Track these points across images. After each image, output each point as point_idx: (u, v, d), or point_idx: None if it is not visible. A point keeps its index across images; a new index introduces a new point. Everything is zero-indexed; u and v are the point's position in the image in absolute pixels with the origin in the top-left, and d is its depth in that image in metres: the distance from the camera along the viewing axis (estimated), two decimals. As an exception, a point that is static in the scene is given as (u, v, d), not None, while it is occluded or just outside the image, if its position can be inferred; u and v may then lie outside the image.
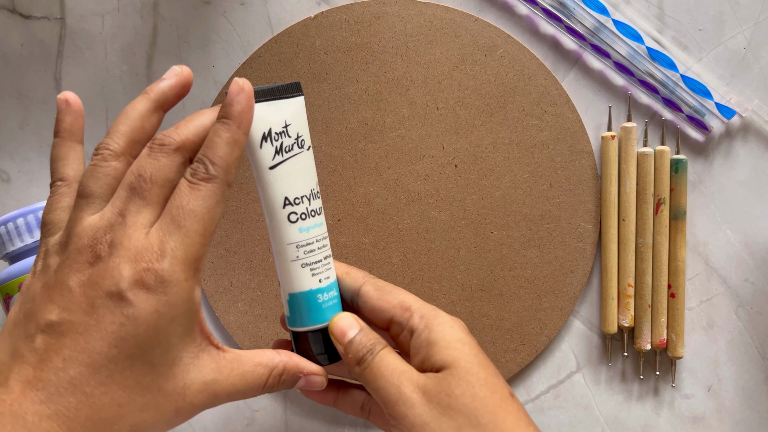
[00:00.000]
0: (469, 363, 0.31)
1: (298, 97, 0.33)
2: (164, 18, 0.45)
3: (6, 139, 0.45)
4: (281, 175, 0.32)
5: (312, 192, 0.34)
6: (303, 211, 0.33)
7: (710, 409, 0.45)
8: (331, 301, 0.34)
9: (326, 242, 0.34)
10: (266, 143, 0.32)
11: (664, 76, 0.43)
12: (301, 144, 0.33)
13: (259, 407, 0.45)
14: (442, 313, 0.33)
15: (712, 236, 0.44)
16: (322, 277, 0.34)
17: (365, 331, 0.33)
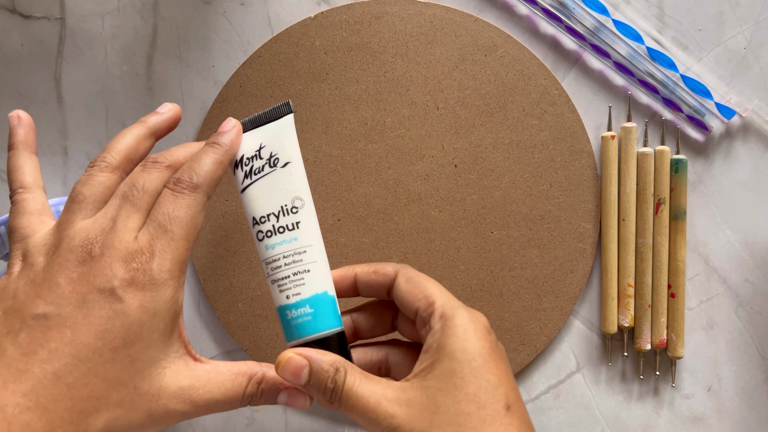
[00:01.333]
0: (461, 377, 0.30)
1: (283, 118, 0.35)
2: (164, 18, 0.45)
3: (6, 139, 0.45)
4: (249, 196, 0.34)
5: (284, 208, 0.34)
6: (269, 229, 0.34)
7: (710, 409, 0.45)
8: (303, 317, 0.33)
9: (302, 258, 0.34)
10: (237, 169, 0.34)
11: (664, 76, 0.43)
12: (274, 163, 0.34)
13: (259, 407, 0.45)
14: (462, 313, 0.32)
15: (712, 236, 0.44)
16: (290, 293, 0.34)
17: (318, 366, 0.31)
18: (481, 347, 0.31)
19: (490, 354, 0.31)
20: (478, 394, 0.30)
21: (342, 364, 0.31)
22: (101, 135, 0.45)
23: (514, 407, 0.30)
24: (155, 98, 0.45)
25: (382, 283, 0.35)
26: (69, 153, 0.45)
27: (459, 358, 0.31)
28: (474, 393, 0.30)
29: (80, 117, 0.45)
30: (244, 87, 0.44)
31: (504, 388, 0.31)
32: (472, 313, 0.33)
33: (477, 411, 0.30)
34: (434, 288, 0.34)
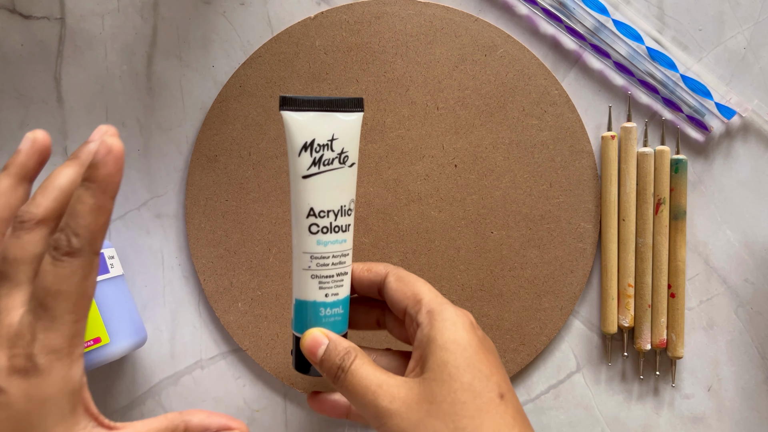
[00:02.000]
0: (455, 366, 0.31)
1: (355, 113, 0.34)
2: (164, 18, 0.45)
3: (6, 139, 0.45)
4: (313, 185, 0.33)
5: (342, 208, 0.34)
6: (326, 225, 0.34)
7: (710, 409, 0.45)
8: (334, 317, 0.34)
9: (345, 260, 0.35)
10: (305, 152, 0.33)
11: (664, 76, 0.43)
12: (344, 160, 0.34)
13: (259, 407, 0.45)
14: (449, 307, 0.33)
15: (712, 236, 0.44)
16: (330, 292, 0.34)
17: (334, 345, 0.33)
18: (470, 339, 0.32)
19: (480, 346, 0.32)
20: (473, 384, 0.30)
21: (354, 349, 0.33)
22: (101, 135, 0.45)
23: (507, 396, 0.31)
24: (155, 98, 0.45)
25: (373, 281, 0.36)
26: (69, 153, 0.45)
27: (451, 349, 0.31)
28: (469, 382, 0.30)
29: (80, 117, 0.45)
30: (244, 87, 0.44)
31: (496, 377, 0.31)
32: (459, 309, 0.33)
33: (473, 400, 0.30)
34: (422, 286, 0.34)
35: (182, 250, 0.45)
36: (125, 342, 0.39)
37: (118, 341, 0.38)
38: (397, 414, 0.30)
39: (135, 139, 0.45)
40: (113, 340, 0.38)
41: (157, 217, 0.45)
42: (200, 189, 0.44)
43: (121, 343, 0.38)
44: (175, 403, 0.45)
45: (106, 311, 0.38)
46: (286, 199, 0.44)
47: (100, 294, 0.38)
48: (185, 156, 0.45)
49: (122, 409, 0.45)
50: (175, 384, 0.45)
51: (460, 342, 0.32)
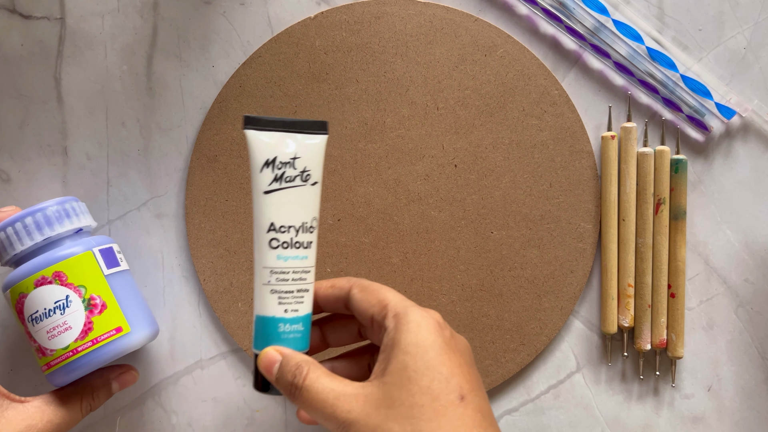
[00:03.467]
0: (414, 370, 0.31)
1: (319, 135, 0.35)
2: (164, 18, 0.45)
3: (6, 139, 0.45)
4: (273, 201, 0.34)
5: (303, 225, 0.35)
6: (286, 240, 0.34)
7: (710, 409, 0.45)
8: (294, 334, 0.34)
9: (306, 277, 0.35)
10: (267, 169, 0.34)
11: (664, 76, 0.43)
12: (306, 178, 0.34)
13: (259, 407, 0.45)
14: (414, 310, 0.33)
15: (712, 236, 0.44)
16: (290, 308, 0.34)
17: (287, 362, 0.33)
18: (433, 341, 0.32)
19: (443, 347, 0.32)
20: (431, 386, 0.30)
21: (306, 362, 0.33)
22: (101, 135, 0.45)
23: (468, 397, 0.31)
24: (155, 98, 0.45)
25: (338, 296, 0.36)
26: (69, 153, 0.45)
27: (412, 351, 0.31)
28: (427, 385, 0.30)
29: (80, 117, 0.45)
30: (244, 87, 0.44)
31: (457, 379, 0.31)
32: (425, 310, 0.33)
33: (430, 403, 0.30)
34: (387, 292, 0.34)
35: (182, 250, 0.45)
36: (144, 331, 0.39)
37: (138, 330, 0.38)
38: (356, 422, 0.30)
39: (135, 139, 0.45)
40: (134, 329, 0.38)
41: (157, 217, 0.45)
42: (200, 189, 0.44)
43: (141, 332, 0.38)
44: (175, 403, 0.45)
45: (123, 302, 0.38)
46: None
47: (116, 285, 0.38)
48: (185, 156, 0.45)
49: (122, 409, 0.45)
50: (175, 384, 0.45)
51: (421, 344, 0.31)
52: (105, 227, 0.45)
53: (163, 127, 0.45)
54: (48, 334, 0.37)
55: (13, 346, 0.45)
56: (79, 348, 0.37)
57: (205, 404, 0.45)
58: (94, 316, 0.37)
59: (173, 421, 0.45)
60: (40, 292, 0.37)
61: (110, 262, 0.39)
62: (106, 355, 0.37)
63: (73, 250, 0.38)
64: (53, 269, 0.37)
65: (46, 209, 0.38)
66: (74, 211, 0.39)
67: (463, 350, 0.33)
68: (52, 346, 0.37)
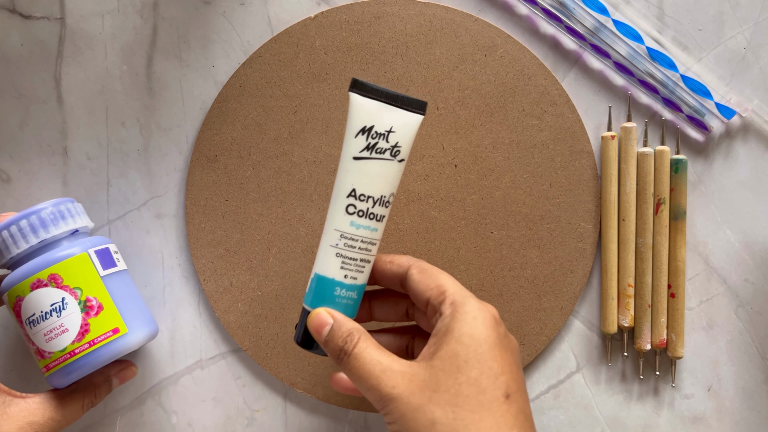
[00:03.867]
0: (465, 360, 0.31)
1: (417, 114, 0.35)
2: (164, 18, 0.45)
3: (6, 139, 0.45)
4: (360, 168, 0.35)
5: (382, 198, 0.35)
6: (362, 209, 0.35)
7: (710, 409, 0.45)
8: (347, 300, 0.35)
9: (372, 249, 0.35)
10: (362, 136, 0.34)
11: (664, 76, 0.43)
12: (395, 153, 0.35)
13: (259, 407, 0.45)
14: (472, 301, 0.33)
15: (712, 236, 0.44)
16: (350, 274, 0.35)
17: (338, 326, 0.33)
18: (488, 335, 0.32)
19: (497, 343, 0.32)
20: (480, 379, 0.30)
21: (358, 331, 0.33)
22: (101, 135, 0.45)
23: (513, 396, 0.31)
24: (155, 98, 0.45)
25: (396, 273, 0.36)
26: (69, 153, 0.45)
27: (465, 342, 0.31)
28: (476, 377, 0.30)
29: (80, 117, 0.45)
30: (244, 87, 0.44)
31: (506, 377, 0.31)
32: (483, 303, 0.33)
33: (476, 395, 0.30)
34: (446, 279, 0.34)
35: (182, 250, 0.45)
36: (142, 331, 0.39)
37: (136, 331, 0.38)
38: (398, 398, 0.30)
39: (135, 139, 0.45)
40: (131, 330, 0.38)
41: (157, 217, 0.45)
42: (200, 189, 0.44)
43: (138, 332, 0.38)
44: (175, 403, 0.45)
45: (119, 303, 0.38)
46: (287, 199, 0.44)
47: (113, 286, 0.38)
48: (185, 156, 0.45)
49: (122, 409, 0.45)
50: (175, 384, 0.45)
51: (475, 336, 0.32)
52: (105, 227, 0.45)
53: (163, 127, 0.45)
54: (45, 336, 0.37)
55: (13, 345, 0.45)
56: (76, 350, 0.37)
57: (205, 404, 0.45)
58: (91, 317, 0.37)
59: (173, 421, 0.45)
60: (36, 294, 0.37)
61: (106, 262, 0.39)
62: (104, 356, 0.37)
63: (69, 252, 0.37)
64: (49, 272, 0.37)
65: (41, 211, 0.38)
66: (70, 213, 0.39)
67: (514, 350, 0.34)
68: (50, 349, 0.37)
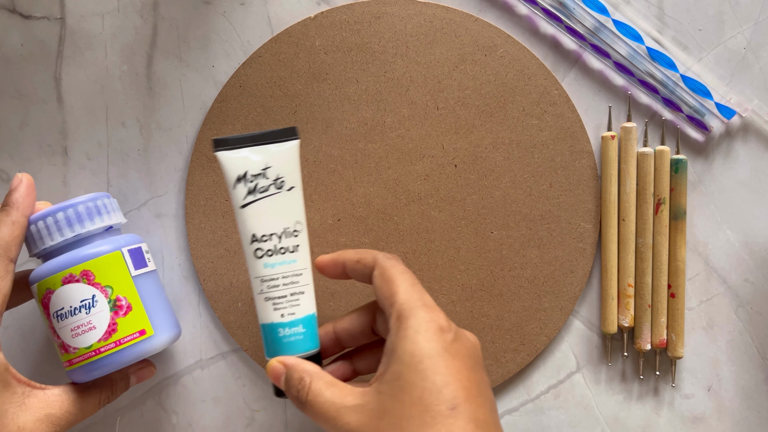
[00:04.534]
0: (408, 380, 0.30)
1: (290, 142, 0.36)
2: (164, 18, 0.45)
3: (6, 139, 0.45)
4: (251, 213, 0.36)
5: (286, 231, 0.36)
6: (270, 248, 0.36)
7: (710, 409, 0.45)
8: (294, 336, 0.36)
9: (299, 280, 0.36)
10: (239, 184, 0.35)
11: (664, 76, 0.43)
12: (280, 185, 0.36)
13: (259, 407, 0.45)
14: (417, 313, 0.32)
15: (712, 236, 0.44)
16: (285, 312, 0.36)
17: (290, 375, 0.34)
18: (429, 348, 0.31)
19: (440, 354, 0.31)
20: (423, 397, 0.30)
21: (309, 374, 0.33)
22: (101, 135, 0.45)
23: (461, 407, 0.30)
24: (155, 98, 0.45)
25: (364, 273, 0.36)
26: (69, 153, 0.45)
27: (407, 361, 0.31)
28: (419, 396, 0.30)
29: (80, 117, 0.45)
30: (244, 87, 0.44)
31: (452, 388, 0.30)
32: (431, 311, 0.32)
33: (420, 414, 0.29)
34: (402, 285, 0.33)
35: (182, 250, 0.45)
36: (167, 334, 0.38)
37: (161, 333, 0.38)
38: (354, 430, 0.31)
39: (135, 139, 0.45)
40: (157, 332, 0.38)
41: (157, 217, 0.45)
42: (200, 189, 0.44)
43: (163, 335, 0.38)
44: (175, 403, 0.45)
45: (148, 304, 0.38)
46: (286, 199, 0.44)
47: (143, 287, 0.38)
48: (185, 156, 0.45)
49: (122, 409, 0.45)
50: (175, 384, 0.45)
51: (416, 353, 0.31)
52: (105, 227, 0.45)
53: (163, 127, 0.45)
54: (72, 332, 0.37)
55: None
56: (102, 348, 0.36)
57: (205, 404, 0.45)
58: (119, 317, 0.37)
59: (173, 421, 0.45)
60: (67, 289, 0.37)
61: (138, 262, 0.38)
62: (128, 357, 0.37)
63: (102, 249, 0.37)
64: (81, 267, 0.37)
65: (78, 205, 0.38)
66: (105, 209, 0.39)
67: (467, 353, 0.32)
68: (76, 345, 0.37)
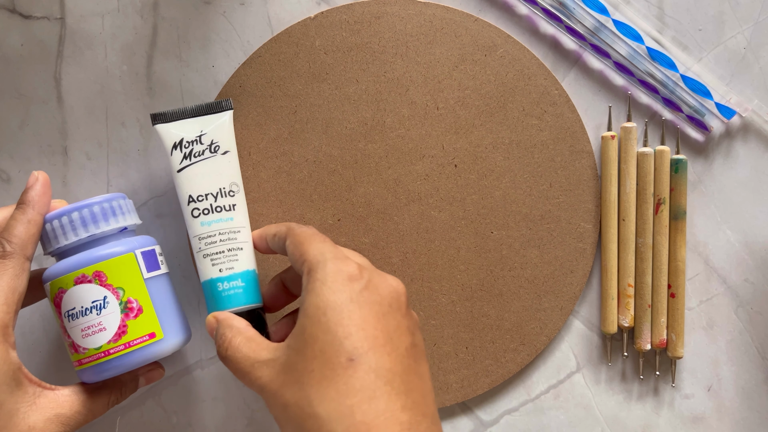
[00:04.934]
0: (311, 334, 0.30)
1: (225, 112, 0.40)
2: (164, 18, 0.45)
3: (6, 139, 0.45)
4: (187, 176, 0.39)
5: (222, 190, 0.39)
6: (206, 207, 0.38)
7: (710, 409, 0.45)
8: (234, 290, 0.38)
9: (237, 236, 0.38)
10: (176, 151, 0.39)
11: (664, 76, 0.43)
12: (215, 149, 0.39)
13: (259, 407, 0.45)
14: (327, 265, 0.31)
15: (712, 236, 0.44)
16: (224, 267, 0.38)
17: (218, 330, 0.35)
18: (333, 300, 0.30)
19: (345, 305, 0.30)
20: (324, 350, 0.29)
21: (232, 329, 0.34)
22: (101, 135, 0.45)
23: (361, 359, 0.29)
24: (155, 98, 0.45)
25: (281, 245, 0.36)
26: (69, 153, 0.45)
27: (311, 313, 0.30)
28: (320, 349, 0.29)
29: (80, 117, 0.45)
30: (244, 87, 0.44)
31: (353, 339, 0.29)
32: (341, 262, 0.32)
33: (320, 368, 0.29)
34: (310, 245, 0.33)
35: (182, 250, 0.45)
36: (177, 338, 0.38)
37: (171, 337, 0.38)
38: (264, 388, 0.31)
39: (135, 139, 0.45)
40: (166, 336, 0.38)
41: (157, 217, 0.45)
42: (200, 189, 0.44)
43: (173, 338, 0.38)
44: (175, 404, 0.45)
45: (158, 307, 0.38)
46: (287, 199, 0.44)
47: (154, 290, 0.38)
48: (185, 156, 0.45)
49: (122, 409, 0.45)
50: (175, 384, 0.45)
51: (320, 305, 0.30)
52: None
53: (163, 127, 0.45)
54: (82, 332, 0.37)
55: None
56: (111, 350, 0.36)
57: (205, 404, 0.45)
58: (130, 319, 0.37)
59: (173, 421, 0.45)
60: (79, 289, 0.37)
61: (151, 265, 0.38)
62: (138, 359, 0.37)
63: (116, 251, 0.37)
64: (94, 268, 0.37)
65: (93, 206, 0.38)
66: (120, 210, 0.39)
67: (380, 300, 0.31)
68: (85, 345, 0.37)
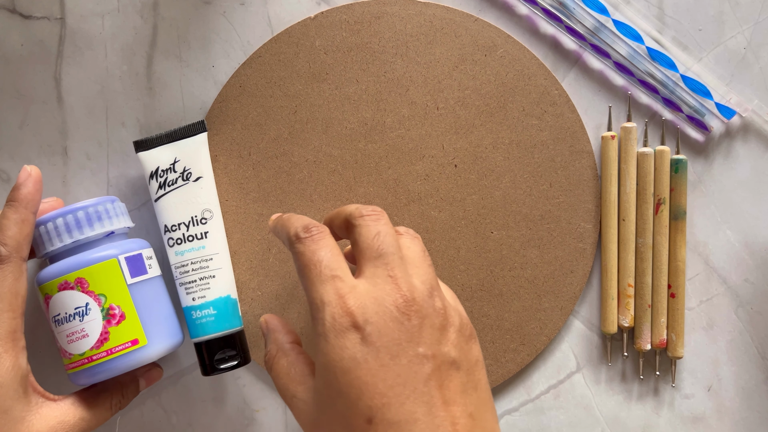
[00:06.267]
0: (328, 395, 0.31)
1: (197, 135, 0.40)
2: (164, 18, 0.45)
3: (6, 139, 0.45)
4: (162, 206, 0.40)
5: (194, 219, 0.39)
6: (179, 237, 0.39)
7: (710, 409, 0.45)
8: (206, 318, 0.39)
9: (208, 264, 0.39)
10: (153, 180, 0.40)
11: (664, 76, 0.43)
12: (186, 177, 0.40)
13: (259, 407, 0.45)
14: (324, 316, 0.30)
15: (712, 236, 0.44)
16: (196, 295, 0.39)
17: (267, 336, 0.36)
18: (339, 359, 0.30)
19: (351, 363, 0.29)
20: (344, 413, 0.30)
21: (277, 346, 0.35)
22: (101, 135, 0.45)
23: (377, 417, 0.29)
24: (155, 98, 0.45)
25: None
26: (69, 153, 0.45)
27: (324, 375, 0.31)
28: (340, 412, 0.30)
29: (80, 117, 0.45)
30: (244, 87, 0.44)
31: (365, 398, 0.29)
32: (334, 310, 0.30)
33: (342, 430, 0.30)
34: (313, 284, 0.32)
35: (182, 250, 0.45)
36: (162, 344, 0.38)
37: (155, 343, 0.38)
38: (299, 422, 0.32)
39: (135, 139, 0.45)
40: (150, 342, 0.38)
41: (157, 217, 0.45)
42: (200, 189, 0.44)
43: (158, 345, 0.38)
44: (175, 403, 0.45)
45: (143, 312, 0.38)
46: (287, 199, 0.44)
47: (139, 295, 0.38)
48: (185, 156, 0.45)
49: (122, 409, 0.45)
50: (175, 384, 0.45)
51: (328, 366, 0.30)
52: (105, 227, 0.45)
53: (163, 127, 0.45)
54: (68, 338, 0.37)
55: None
56: (94, 356, 0.37)
57: (205, 404, 0.45)
58: (111, 326, 0.37)
59: (173, 421, 0.45)
60: (63, 296, 0.37)
61: (136, 270, 0.38)
62: (121, 366, 0.37)
63: (98, 257, 0.37)
64: (76, 275, 0.37)
65: (78, 211, 0.38)
66: (107, 214, 0.38)
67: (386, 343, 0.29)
68: (71, 351, 0.37)
